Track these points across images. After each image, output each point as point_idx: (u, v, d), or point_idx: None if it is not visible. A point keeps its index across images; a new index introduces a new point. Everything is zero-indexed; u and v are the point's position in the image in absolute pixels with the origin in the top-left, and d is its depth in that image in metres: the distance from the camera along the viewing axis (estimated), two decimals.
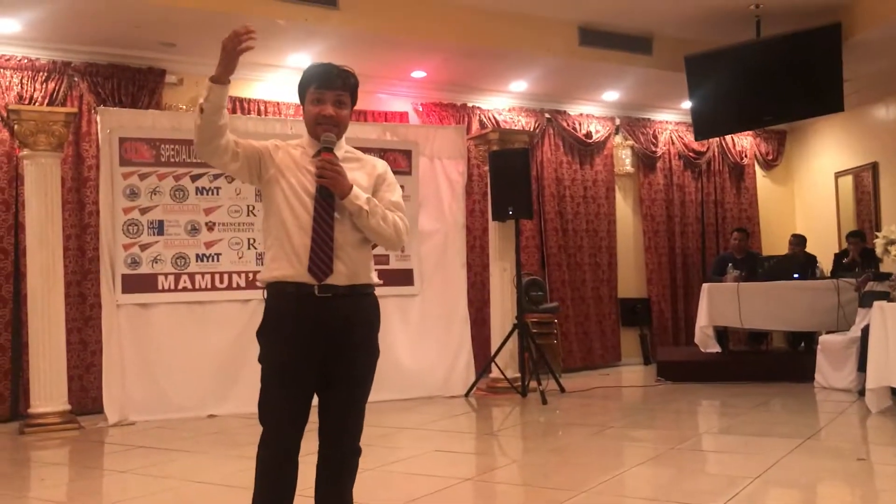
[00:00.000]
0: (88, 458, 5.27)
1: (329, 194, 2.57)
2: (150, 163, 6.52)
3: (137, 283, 6.41)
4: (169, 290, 6.51)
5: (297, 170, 2.62)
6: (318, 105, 2.62)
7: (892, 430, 5.17)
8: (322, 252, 2.53)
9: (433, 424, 5.95)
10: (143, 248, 6.46)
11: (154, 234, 6.50)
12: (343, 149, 2.69)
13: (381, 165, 2.79)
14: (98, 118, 6.52)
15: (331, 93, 2.62)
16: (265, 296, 2.66)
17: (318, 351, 2.54)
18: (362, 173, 2.69)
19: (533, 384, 7.08)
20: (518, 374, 7.26)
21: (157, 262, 6.49)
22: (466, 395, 7.21)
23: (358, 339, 2.62)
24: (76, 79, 6.87)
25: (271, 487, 2.56)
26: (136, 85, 7.05)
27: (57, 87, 6.76)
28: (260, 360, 2.61)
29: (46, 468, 4.99)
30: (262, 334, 2.63)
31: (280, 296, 2.59)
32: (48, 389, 6.01)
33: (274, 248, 2.61)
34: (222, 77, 2.50)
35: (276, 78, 7.73)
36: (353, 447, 2.66)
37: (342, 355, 2.57)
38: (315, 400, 2.60)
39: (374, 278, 2.69)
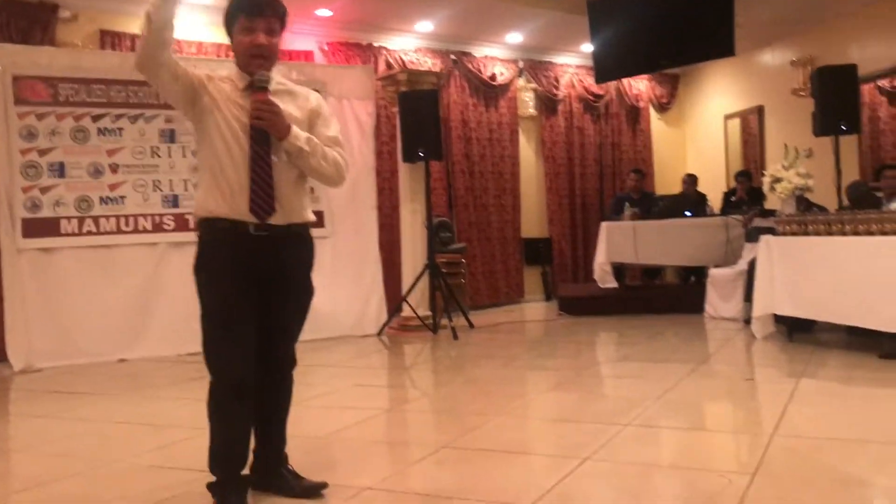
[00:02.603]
0: None
1: (263, 134, 2.54)
2: (47, 102, 6.28)
3: (39, 228, 6.22)
4: (73, 235, 6.34)
5: (231, 103, 2.56)
6: (249, 34, 2.56)
7: (775, 354, 5.62)
8: (263, 192, 2.52)
9: (349, 362, 6.09)
10: (44, 191, 6.25)
11: (55, 177, 6.29)
12: (275, 80, 2.63)
13: (315, 98, 2.75)
14: None
15: (262, 20, 2.55)
16: (198, 231, 2.64)
17: (256, 288, 2.57)
18: (294, 106, 2.65)
19: (444, 322, 7.30)
20: (429, 313, 7.45)
21: (59, 206, 6.30)
22: (379, 333, 7.36)
23: (295, 277, 2.66)
24: None
25: (227, 425, 2.59)
26: (27, 20, 6.73)
27: None
28: (199, 299, 2.61)
29: None
30: (198, 271, 2.63)
31: (215, 232, 2.58)
32: None
33: (207, 181, 2.58)
34: None
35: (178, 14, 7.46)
36: (290, 377, 2.78)
37: (279, 294, 2.61)
38: None
39: (309, 215, 2.70)
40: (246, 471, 2.71)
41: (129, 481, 3.13)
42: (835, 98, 6.88)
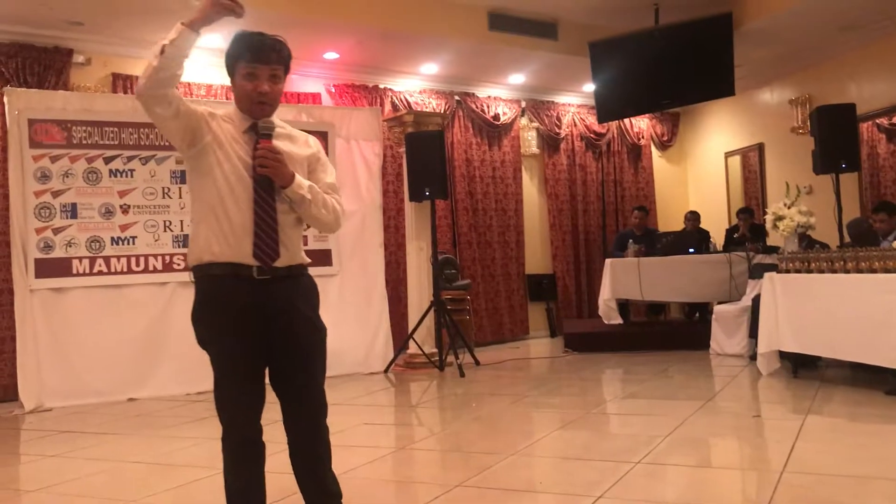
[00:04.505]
0: (10, 445, 5.19)
1: (267, 181, 2.50)
2: (61, 145, 6.40)
3: (51, 268, 6.31)
4: (84, 275, 6.42)
5: (234, 142, 2.52)
6: (252, 80, 2.50)
7: (781, 390, 5.66)
8: (268, 237, 2.48)
9: (357, 400, 6.12)
10: (56, 231, 6.35)
11: (67, 218, 6.39)
12: (275, 124, 2.59)
13: (314, 143, 2.73)
14: (6, 99, 6.34)
15: (265, 67, 2.51)
16: (193, 276, 2.55)
17: (263, 336, 2.50)
18: (296, 150, 2.62)
19: (450, 359, 7.34)
20: (435, 350, 7.50)
21: (70, 246, 6.39)
22: (385, 371, 7.40)
23: (301, 319, 2.57)
24: None
25: (240, 474, 2.56)
26: (42, 65, 6.87)
27: None
28: (201, 345, 2.54)
29: None
30: (199, 321, 2.54)
31: (214, 278, 2.50)
32: None
33: (207, 222, 2.50)
34: (196, 24, 2.38)
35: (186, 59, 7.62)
36: (322, 424, 2.64)
37: (287, 337, 2.53)
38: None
39: (306, 258, 2.67)
40: None
41: None
42: (834, 136, 7.00)
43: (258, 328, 2.49)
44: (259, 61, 2.50)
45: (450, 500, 3.28)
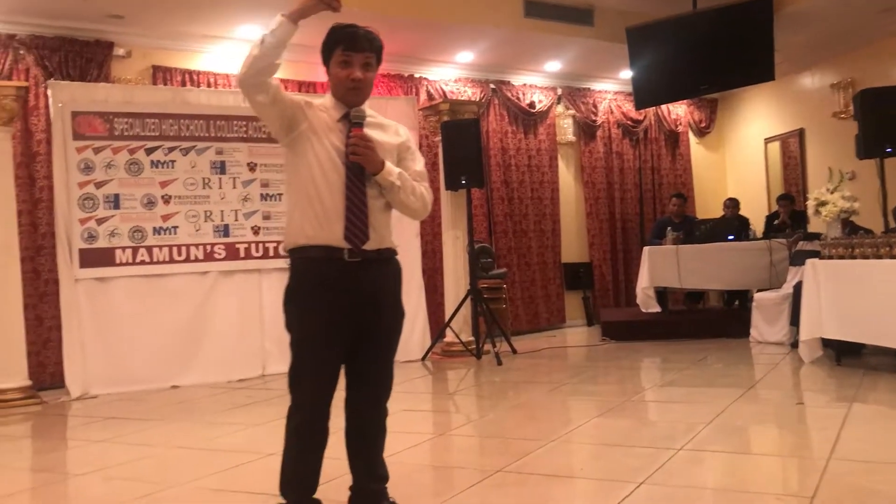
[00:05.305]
0: (59, 430, 5.32)
1: (359, 168, 2.60)
2: (103, 136, 6.49)
3: (95, 258, 6.41)
4: (127, 264, 6.52)
5: (329, 130, 2.63)
6: (345, 68, 2.62)
7: (824, 378, 5.59)
8: (358, 220, 2.58)
9: (396, 387, 6.08)
10: (100, 222, 6.45)
11: (110, 208, 6.49)
12: (367, 113, 2.69)
13: (404, 132, 2.82)
14: (49, 92, 6.45)
15: (359, 55, 2.62)
16: (291, 259, 2.68)
17: (349, 316, 2.59)
18: (386, 138, 2.71)
19: (486, 347, 7.35)
20: (471, 338, 7.51)
21: (113, 236, 6.49)
22: (423, 359, 7.44)
23: (387, 302, 2.69)
24: (22, 52, 6.77)
25: (305, 451, 2.64)
26: (84, 58, 6.97)
27: (2, 61, 6.66)
28: (288, 328, 2.64)
29: (18, 441, 5.04)
30: (291, 301, 2.65)
31: (308, 261, 2.62)
32: (8, 365, 6.02)
33: (301, 207, 2.62)
34: (296, 16, 2.51)
35: (224, 50, 7.71)
36: (385, 407, 2.77)
37: (373, 319, 2.64)
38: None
39: (393, 242, 2.76)
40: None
41: None
42: (878, 120, 6.85)
43: (346, 309, 2.59)
44: (353, 49, 2.61)
45: (491, 485, 3.29)
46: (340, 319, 2.59)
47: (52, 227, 6.56)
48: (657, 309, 8.59)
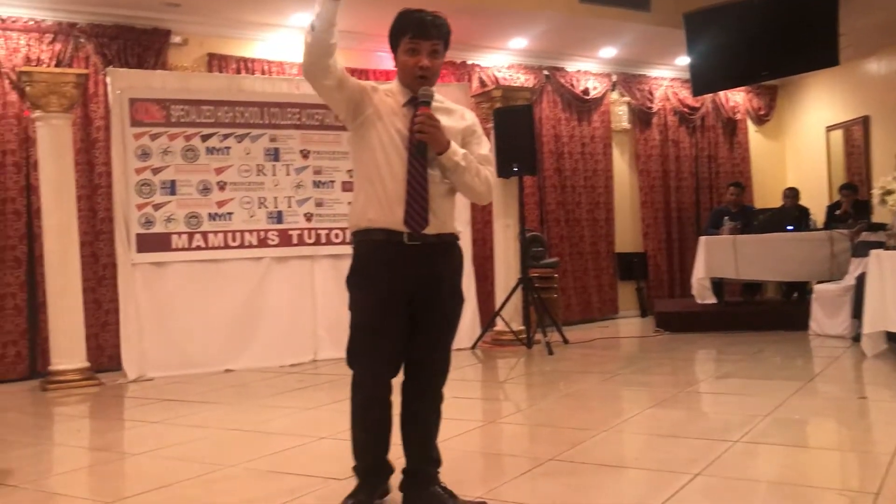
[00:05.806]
0: (117, 411, 5.44)
1: (423, 147, 2.60)
2: (160, 123, 6.58)
3: (152, 243, 6.52)
4: (183, 249, 6.61)
5: (394, 115, 2.65)
6: (413, 55, 2.62)
7: (889, 372, 5.40)
8: (418, 205, 2.59)
9: None
10: (157, 207, 6.55)
11: (167, 194, 6.59)
12: (434, 98, 2.68)
13: (470, 116, 2.82)
14: (108, 79, 6.55)
15: (427, 43, 2.62)
16: (354, 242, 2.72)
17: (407, 298, 2.63)
18: (452, 122, 2.71)
19: (537, 336, 7.29)
20: (522, 327, 7.46)
21: (170, 222, 6.58)
22: (473, 347, 7.41)
23: (447, 286, 2.70)
24: (82, 40, 6.89)
25: (370, 427, 2.70)
26: (141, 46, 7.08)
27: (63, 49, 6.78)
28: (350, 308, 2.68)
29: (77, 421, 5.16)
30: (352, 282, 2.70)
31: (370, 243, 2.65)
32: (68, 347, 6.14)
33: (365, 191, 2.65)
34: None
35: (278, 38, 7.75)
36: (441, 392, 2.80)
37: (432, 302, 2.66)
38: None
39: (458, 227, 2.77)
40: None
41: (248, 485, 3.26)
42: None
43: (403, 292, 2.62)
44: (421, 37, 2.61)
45: (542, 473, 3.26)
46: (398, 299, 2.62)
47: (110, 213, 6.70)
48: (713, 300, 8.41)
